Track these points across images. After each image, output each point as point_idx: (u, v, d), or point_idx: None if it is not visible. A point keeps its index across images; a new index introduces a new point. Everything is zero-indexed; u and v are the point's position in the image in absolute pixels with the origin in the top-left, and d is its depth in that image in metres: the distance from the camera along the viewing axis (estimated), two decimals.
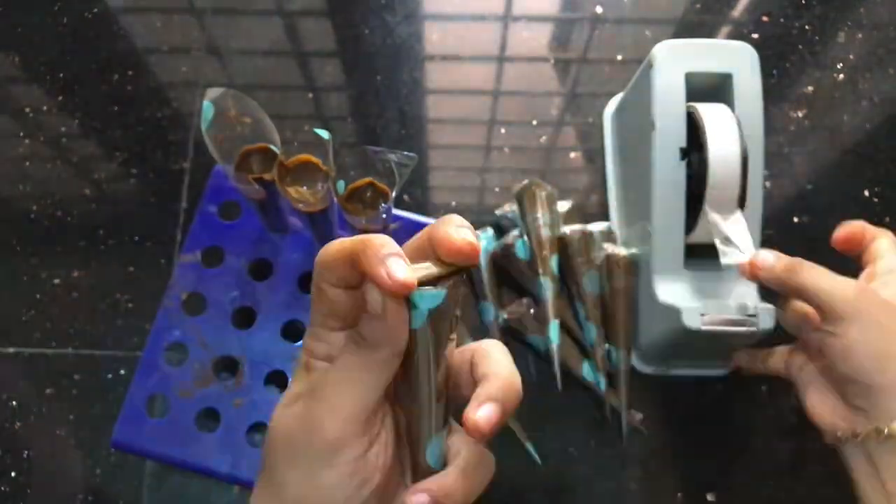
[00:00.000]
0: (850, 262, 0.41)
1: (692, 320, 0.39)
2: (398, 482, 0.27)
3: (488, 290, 0.50)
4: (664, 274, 0.43)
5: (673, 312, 0.40)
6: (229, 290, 0.48)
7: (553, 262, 0.48)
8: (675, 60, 0.43)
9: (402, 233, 0.49)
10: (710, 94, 0.43)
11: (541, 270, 0.48)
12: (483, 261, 0.50)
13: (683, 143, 0.42)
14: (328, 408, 0.24)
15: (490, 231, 0.52)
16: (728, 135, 0.40)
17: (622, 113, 0.54)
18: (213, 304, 0.48)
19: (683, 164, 0.42)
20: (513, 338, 0.50)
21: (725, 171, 0.40)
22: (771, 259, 0.36)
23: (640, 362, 0.49)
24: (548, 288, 0.48)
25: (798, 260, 0.36)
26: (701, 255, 0.43)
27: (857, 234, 0.40)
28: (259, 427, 0.45)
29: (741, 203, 0.41)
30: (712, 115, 0.41)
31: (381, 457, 0.25)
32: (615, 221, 0.53)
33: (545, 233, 0.49)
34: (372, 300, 0.23)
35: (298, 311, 0.48)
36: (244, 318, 0.48)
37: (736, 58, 0.43)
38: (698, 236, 0.43)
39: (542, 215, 0.49)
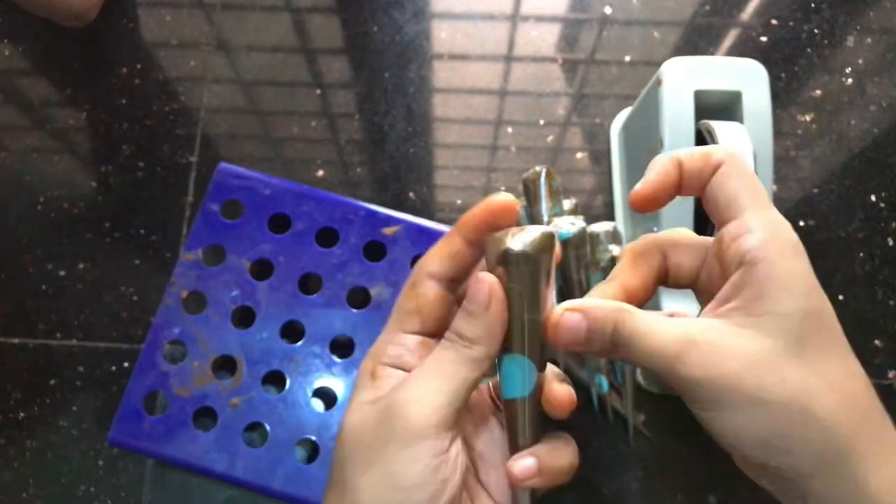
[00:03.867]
0: (865, 268, 0.41)
1: None
2: (466, 494, 0.26)
3: None
4: (670, 293, 0.43)
5: None
6: (230, 289, 0.48)
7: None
8: (684, 78, 0.42)
9: (404, 236, 0.49)
10: (719, 111, 0.43)
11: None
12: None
13: None
14: (416, 396, 0.23)
15: None
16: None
17: (630, 128, 0.54)
18: (213, 303, 0.48)
19: None
20: None
21: None
22: (574, 319, 0.23)
23: (646, 382, 0.49)
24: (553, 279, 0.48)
25: (618, 312, 0.23)
26: None
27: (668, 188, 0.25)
28: (255, 427, 0.45)
29: None
30: (728, 136, 0.40)
31: (461, 459, 0.23)
32: (620, 223, 0.53)
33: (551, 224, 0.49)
34: (476, 294, 0.23)
35: (298, 311, 0.48)
36: (244, 317, 0.48)
37: (745, 75, 0.43)
38: None
39: (549, 206, 0.49)
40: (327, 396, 0.46)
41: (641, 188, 0.25)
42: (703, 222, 0.42)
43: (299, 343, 0.46)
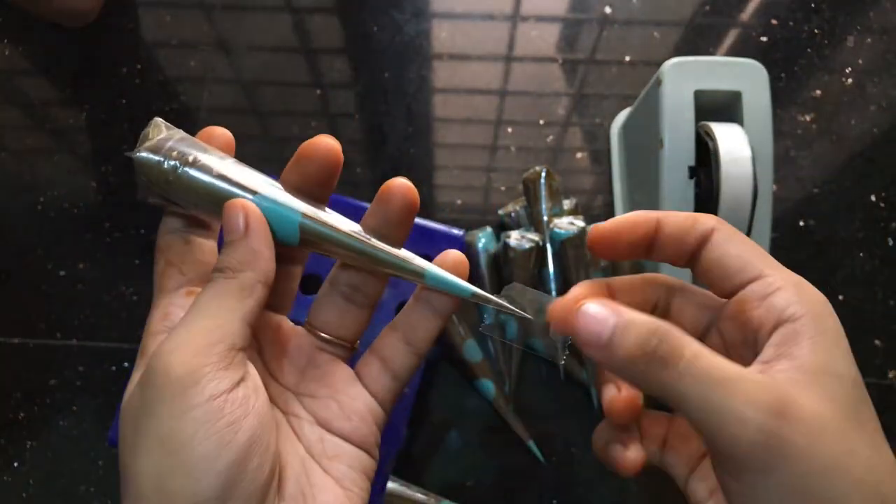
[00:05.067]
0: (872, 270, 0.41)
1: None
2: (286, 443, 0.23)
3: (489, 290, 0.50)
4: None
5: None
6: None
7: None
8: (684, 78, 0.42)
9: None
10: (719, 111, 0.43)
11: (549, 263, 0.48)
12: (483, 261, 0.50)
13: (692, 162, 0.41)
14: (174, 346, 0.19)
15: (489, 231, 0.52)
16: (742, 166, 0.39)
17: (630, 128, 0.54)
18: None
19: (692, 182, 0.42)
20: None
21: (737, 203, 0.39)
22: (600, 312, 0.20)
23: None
24: (553, 280, 0.48)
25: (671, 334, 0.19)
26: None
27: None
28: None
29: (749, 232, 0.40)
30: (726, 141, 0.40)
31: (253, 399, 0.20)
32: None
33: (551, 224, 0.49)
34: (230, 221, 0.21)
35: (298, 311, 0.48)
36: None
37: (745, 75, 0.43)
38: None
39: (549, 206, 0.49)
40: None
41: (605, 225, 0.23)
42: None
43: None
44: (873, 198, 0.55)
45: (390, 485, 0.45)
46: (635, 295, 0.24)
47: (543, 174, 0.50)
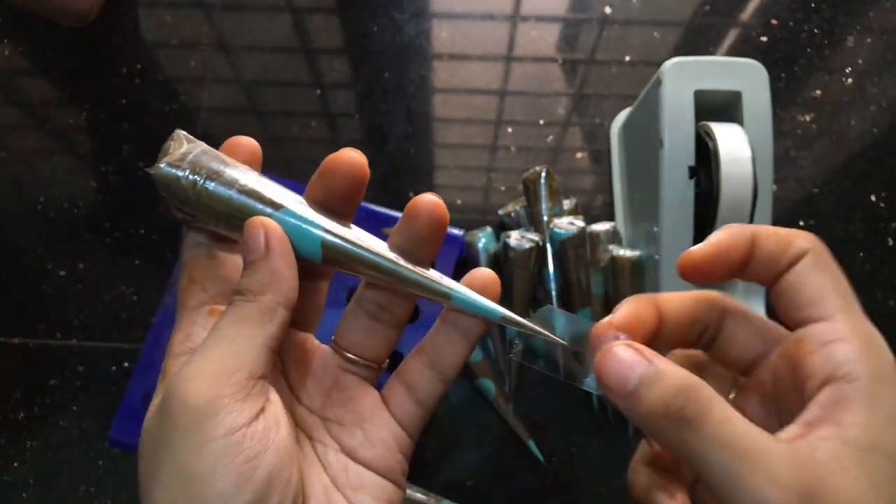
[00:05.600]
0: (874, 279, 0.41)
1: None
2: (310, 472, 0.22)
3: None
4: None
5: None
6: None
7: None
8: (684, 78, 0.42)
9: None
10: (719, 111, 0.43)
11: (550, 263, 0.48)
12: (483, 261, 0.50)
13: (692, 162, 0.41)
14: (192, 373, 0.19)
15: (489, 231, 0.52)
16: (742, 166, 0.39)
17: (630, 128, 0.54)
18: None
19: (692, 182, 0.42)
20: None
21: (737, 203, 0.39)
22: (628, 358, 0.19)
23: None
24: (553, 280, 0.48)
25: (700, 394, 0.18)
26: None
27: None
28: None
29: None
30: (726, 141, 0.40)
31: (274, 433, 0.19)
32: (620, 223, 0.53)
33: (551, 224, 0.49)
34: (250, 240, 0.20)
35: None
36: None
37: (745, 75, 0.43)
38: None
39: (549, 206, 0.49)
40: None
41: (698, 252, 0.21)
42: (703, 228, 0.42)
43: None
44: (873, 198, 0.55)
45: None
46: (686, 315, 0.22)
47: (543, 174, 0.50)
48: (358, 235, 0.22)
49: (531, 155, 0.57)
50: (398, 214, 0.49)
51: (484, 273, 0.23)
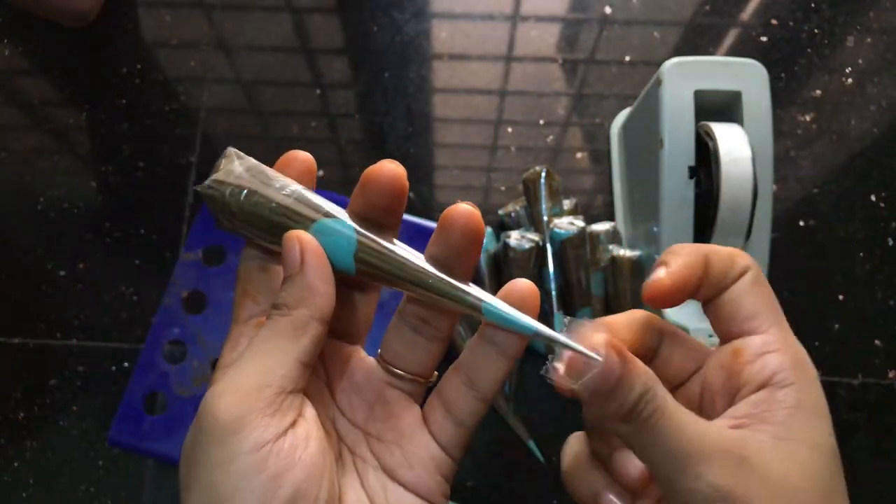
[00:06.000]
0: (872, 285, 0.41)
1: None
2: (349, 489, 0.22)
3: (488, 289, 0.50)
4: None
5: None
6: (229, 289, 0.48)
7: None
8: (684, 78, 0.42)
9: (402, 235, 0.49)
10: (719, 111, 0.43)
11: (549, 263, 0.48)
12: (483, 261, 0.50)
13: (692, 162, 0.41)
14: (224, 387, 0.19)
15: (489, 231, 0.52)
16: (742, 166, 0.39)
17: (630, 128, 0.54)
18: (213, 303, 0.48)
19: (692, 182, 0.41)
20: None
21: (737, 203, 0.39)
22: (613, 362, 0.19)
23: None
24: (553, 280, 0.48)
25: (658, 393, 0.19)
26: None
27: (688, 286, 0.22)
28: None
29: (749, 233, 0.40)
30: (726, 141, 0.40)
31: (302, 450, 0.19)
32: (620, 223, 0.53)
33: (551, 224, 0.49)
34: (287, 255, 0.21)
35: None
36: None
37: (745, 75, 0.43)
38: None
39: (549, 206, 0.49)
40: None
41: (665, 278, 0.21)
42: (703, 228, 0.42)
43: None
44: (873, 198, 0.55)
45: None
46: (634, 337, 0.23)
47: (543, 174, 0.50)
48: (395, 249, 0.22)
49: (531, 155, 0.57)
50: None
51: (522, 285, 0.22)
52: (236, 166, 0.23)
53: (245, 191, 0.22)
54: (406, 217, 0.50)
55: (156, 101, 0.58)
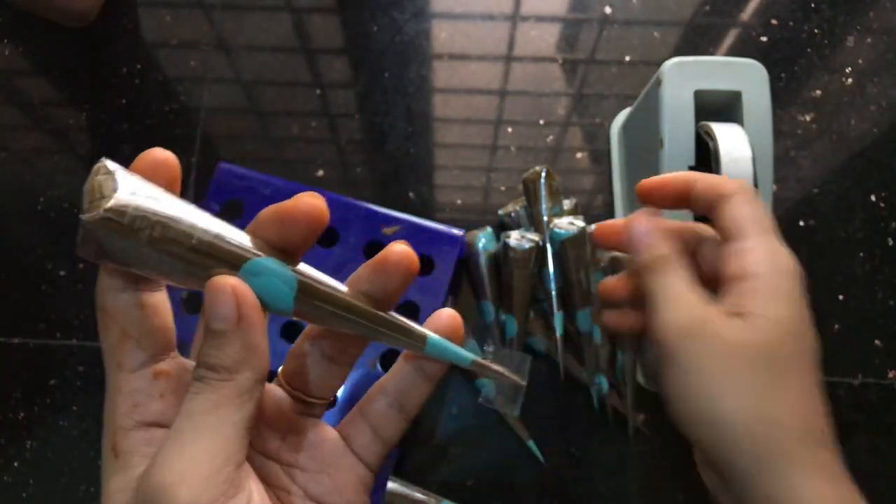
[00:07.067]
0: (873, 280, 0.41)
1: None
2: None
3: (488, 290, 0.50)
4: None
5: None
6: None
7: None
8: (684, 78, 0.42)
9: (404, 235, 0.49)
10: (719, 111, 0.43)
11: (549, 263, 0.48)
12: (483, 261, 0.50)
13: (692, 162, 0.41)
14: (178, 475, 0.17)
15: (489, 231, 0.52)
16: (742, 166, 0.39)
17: (630, 128, 0.54)
18: None
19: None
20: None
21: None
22: (648, 225, 0.28)
23: (646, 381, 0.49)
24: (553, 280, 0.48)
25: (670, 253, 0.28)
26: None
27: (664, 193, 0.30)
28: None
29: None
30: (726, 141, 0.40)
31: (259, 500, 0.19)
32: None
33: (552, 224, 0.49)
34: (217, 305, 0.18)
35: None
36: None
37: (745, 75, 0.43)
38: None
39: (549, 206, 0.49)
40: None
41: (653, 179, 0.29)
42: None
43: None
44: (873, 198, 0.55)
45: (390, 485, 0.45)
46: (680, 234, 0.29)
47: (543, 174, 0.50)
48: (336, 286, 0.21)
49: (531, 155, 0.57)
50: (398, 214, 0.49)
51: (447, 316, 0.23)
52: (121, 187, 0.18)
53: (149, 227, 0.18)
54: (406, 217, 0.50)
55: (156, 101, 0.58)
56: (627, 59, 0.60)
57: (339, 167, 0.56)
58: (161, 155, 0.21)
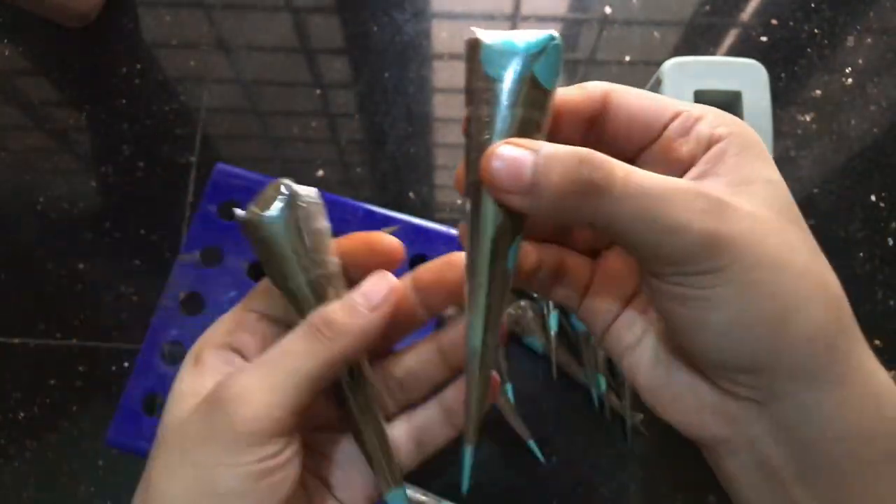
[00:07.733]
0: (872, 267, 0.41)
1: None
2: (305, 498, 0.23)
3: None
4: None
5: None
6: (228, 290, 0.48)
7: None
8: (683, 78, 0.42)
9: (402, 236, 0.49)
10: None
11: None
12: None
13: None
14: (247, 392, 0.19)
15: None
16: None
17: None
18: (211, 305, 0.48)
19: None
20: (510, 339, 0.50)
21: None
22: (520, 153, 0.18)
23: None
24: None
25: (599, 157, 0.18)
26: None
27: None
28: None
29: None
30: None
31: (297, 462, 0.20)
32: None
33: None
34: (371, 290, 0.21)
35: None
36: None
37: (745, 75, 0.43)
38: None
39: None
40: None
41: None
42: None
43: None
44: (873, 198, 0.55)
45: None
46: (574, 107, 0.22)
47: None
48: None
49: None
50: (397, 215, 0.49)
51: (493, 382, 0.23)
52: (273, 207, 0.22)
53: (275, 253, 0.21)
54: (406, 218, 0.50)
55: (156, 101, 0.58)
56: (627, 59, 0.60)
57: (338, 167, 0.56)
58: (386, 240, 0.23)
